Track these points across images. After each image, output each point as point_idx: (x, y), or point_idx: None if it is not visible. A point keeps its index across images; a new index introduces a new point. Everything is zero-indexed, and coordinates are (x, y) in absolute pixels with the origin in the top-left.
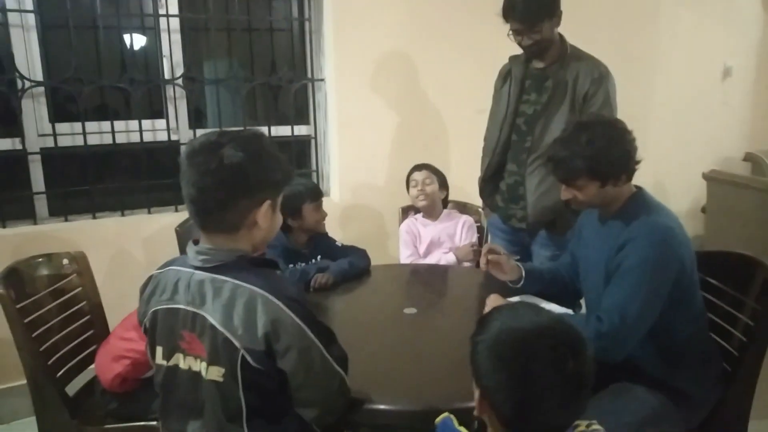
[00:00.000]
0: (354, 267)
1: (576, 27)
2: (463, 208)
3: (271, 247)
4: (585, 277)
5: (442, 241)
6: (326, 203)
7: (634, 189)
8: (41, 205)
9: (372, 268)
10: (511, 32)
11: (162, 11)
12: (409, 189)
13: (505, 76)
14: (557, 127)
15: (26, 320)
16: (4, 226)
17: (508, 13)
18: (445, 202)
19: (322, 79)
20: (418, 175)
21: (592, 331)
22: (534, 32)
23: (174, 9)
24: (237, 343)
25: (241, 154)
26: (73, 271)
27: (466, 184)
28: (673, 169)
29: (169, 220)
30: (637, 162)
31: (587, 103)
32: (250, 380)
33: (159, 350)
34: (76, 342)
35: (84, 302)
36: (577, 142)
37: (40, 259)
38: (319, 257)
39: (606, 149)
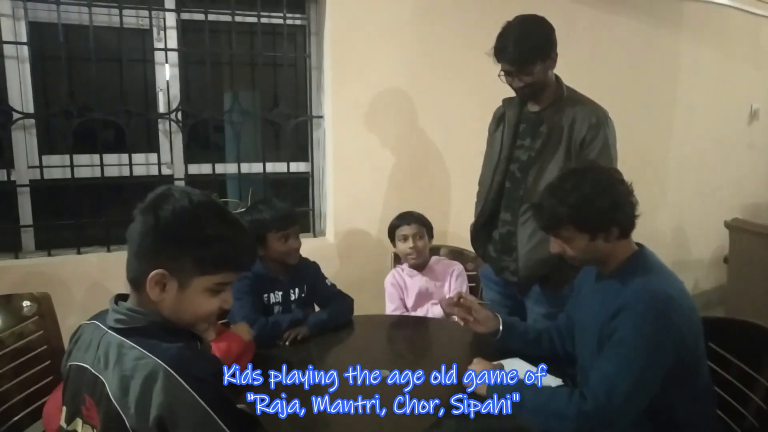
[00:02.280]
0: (333, 319)
1: (592, 65)
2: (459, 255)
3: (241, 278)
4: (579, 342)
5: (431, 292)
6: (321, 243)
7: (636, 247)
8: (28, 237)
9: (353, 317)
10: (502, 73)
11: (160, 45)
12: (395, 243)
13: (498, 119)
14: (552, 174)
15: None
16: None
17: (499, 54)
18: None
19: (321, 116)
20: (407, 230)
21: (574, 409)
22: (525, 74)
23: (173, 43)
24: (127, 423)
25: (165, 213)
26: (34, 313)
27: (465, 231)
28: (695, 216)
29: None
30: (635, 216)
31: (584, 150)
32: None
33: (64, 410)
34: (31, 390)
35: (44, 346)
36: (562, 188)
37: None
38: (297, 289)
39: (591, 197)
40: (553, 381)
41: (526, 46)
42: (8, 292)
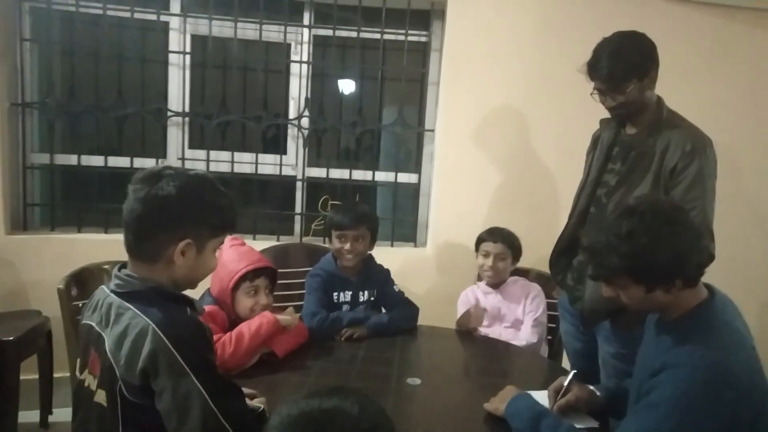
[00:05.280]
0: (393, 324)
1: (756, 85)
2: (547, 280)
3: (314, 275)
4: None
5: (503, 313)
6: (419, 253)
7: (705, 294)
8: None
9: (419, 326)
10: (595, 91)
11: (296, 57)
12: (477, 255)
13: (594, 141)
14: None
15: (78, 317)
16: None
17: (591, 70)
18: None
19: (432, 130)
20: (491, 247)
21: None
22: (617, 93)
23: (305, 56)
24: (118, 373)
25: (172, 189)
26: None
27: None
28: None
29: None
30: (704, 264)
31: (674, 180)
32: (130, 414)
33: (78, 362)
34: None
35: None
36: (616, 233)
37: (107, 266)
38: (366, 292)
39: (649, 249)
40: (589, 422)
41: (619, 63)
42: None
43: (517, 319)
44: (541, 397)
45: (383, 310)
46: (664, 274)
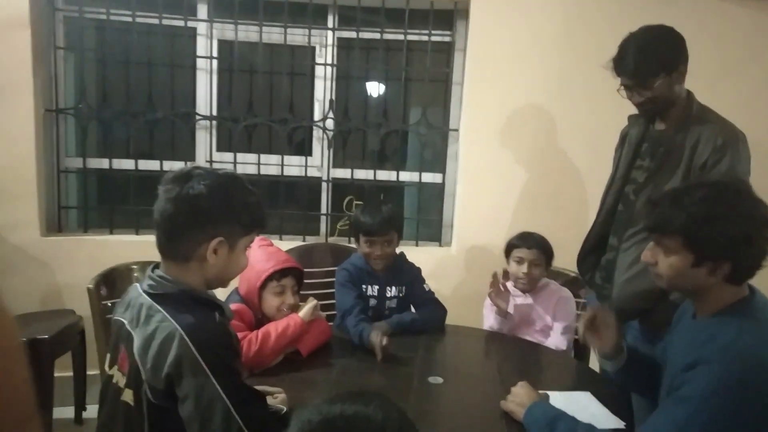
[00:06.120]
0: (415, 324)
1: None
2: (574, 281)
3: (342, 269)
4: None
5: (533, 318)
6: (444, 253)
7: (746, 293)
8: None
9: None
10: (621, 87)
11: (320, 60)
12: (509, 261)
13: (623, 137)
14: None
15: (108, 316)
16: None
17: (617, 66)
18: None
19: (457, 129)
20: (526, 253)
21: None
22: (644, 88)
23: (330, 59)
24: (143, 376)
25: (202, 188)
26: None
27: None
28: None
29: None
30: (759, 265)
31: (705, 176)
32: (155, 416)
33: (108, 357)
34: None
35: None
36: (690, 195)
37: (136, 266)
38: (394, 288)
39: (719, 219)
40: (615, 422)
41: (646, 58)
42: None
43: (547, 324)
44: (560, 398)
45: (412, 309)
46: (720, 251)
